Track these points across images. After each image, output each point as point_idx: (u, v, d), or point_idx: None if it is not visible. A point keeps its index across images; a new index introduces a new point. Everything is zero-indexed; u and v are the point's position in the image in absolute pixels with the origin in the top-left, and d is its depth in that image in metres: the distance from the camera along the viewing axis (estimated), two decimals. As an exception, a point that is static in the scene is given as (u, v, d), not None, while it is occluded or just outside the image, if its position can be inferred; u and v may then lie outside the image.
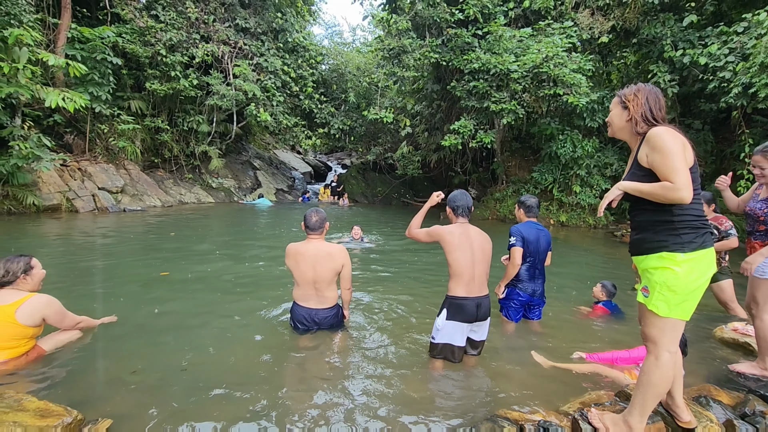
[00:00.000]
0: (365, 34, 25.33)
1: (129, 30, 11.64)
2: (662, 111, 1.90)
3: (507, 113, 10.36)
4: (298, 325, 3.26)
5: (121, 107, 11.84)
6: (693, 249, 1.80)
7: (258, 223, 10.55)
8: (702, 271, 1.82)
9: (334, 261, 3.14)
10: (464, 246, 2.78)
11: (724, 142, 10.81)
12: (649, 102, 1.90)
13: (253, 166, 17.51)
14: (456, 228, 2.85)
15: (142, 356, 2.88)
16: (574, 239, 9.64)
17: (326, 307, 3.23)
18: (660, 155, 1.77)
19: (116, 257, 5.85)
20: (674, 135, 1.79)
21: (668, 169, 1.75)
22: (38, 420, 1.91)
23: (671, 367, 1.87)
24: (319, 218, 3.24)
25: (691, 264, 1.80)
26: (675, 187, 1.73)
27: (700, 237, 1.82)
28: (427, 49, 11.26)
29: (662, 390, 1.90)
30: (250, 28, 13.80)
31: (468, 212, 2.94)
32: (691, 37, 9.72)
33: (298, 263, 3.16)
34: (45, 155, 8.64)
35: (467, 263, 2.76)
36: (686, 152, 1.79)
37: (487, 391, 2.64)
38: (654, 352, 1.89)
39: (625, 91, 1.98)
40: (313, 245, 3.18)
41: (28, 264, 2.69)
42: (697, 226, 1.82)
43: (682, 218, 1.82)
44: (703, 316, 4.12)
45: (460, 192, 3.00)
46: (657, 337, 1.88)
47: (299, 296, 3.25)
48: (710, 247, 1.83)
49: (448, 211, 2.99)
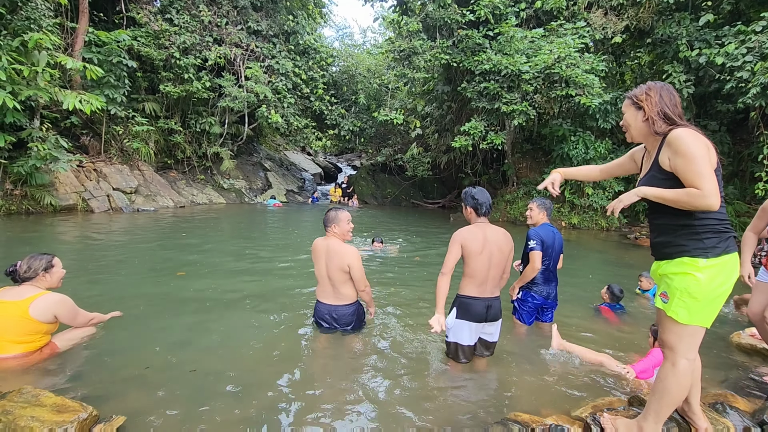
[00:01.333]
0: (376, 36, 25.44)
1: (144, 33, 11.85)
2: (678, 107, 1.81)
3: (518, 114, 10.28)
4: (321, 322, 3.31)
5: (135, 109, 12.04)
6: (716, 255, 1.72)
7: (267, 223, 10.64)
8: (726, 278, 1.74)
9: (341, 261, 3.14)
10: (484, 251, 2.72)
11: (742, 144, 10.59)
12: (663, 99, 1.81)
13: (264, 168, 17.65)
14: (476, 233, 2.72)
15: (156, 353, 2.92)
16: (586, 242, 9.52)
17: (344, 303, 3.25)
18: (683, 159, 1.68)
19: (130, 256, 5.95)
20: (697, 137, 1.70)
21: (694, 174, 1.65)
22: (55, 415, 1.95)
23: (688, 375, 1.80)
24: (331, 214, 3.26)
25: (714, 270, 1.72)
26: (702, 194, 1.63)
27: (723, 242, 1.73)
28: (437, 50, 11.24)
29: (678, 398, 1.84)
30: (262, 30, 13.94)
31: (489, 211, 2.84)
32: (708, 36, 9.55)
33: (316, 258, 3.25)
34: (62, 156, 8.83)
35: (483, 268, 2.73)
36: (710, 154, 1.70)
37: (498, 394, 2.62)
38: (671, 359, 1.83)
39: (635, 91, 1.89)
40: (327, 242, 3.22)
41: (49, 262, 2.79)
42: (720, 230, 1.73)
43: (704, 222, 1.73)
44: (719, 320, 4.03)
45: (479, 189, 2.85)
46: (674, 344, 1.81)
47: (319, 292, 3.33)
48: (734, 252, 1.75)
49: (468, 210, 2.84)
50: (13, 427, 1.84)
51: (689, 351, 1.80)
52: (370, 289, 3.32)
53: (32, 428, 1.84)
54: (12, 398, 2.02)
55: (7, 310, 2.59)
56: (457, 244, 2.71)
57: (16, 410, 1.93)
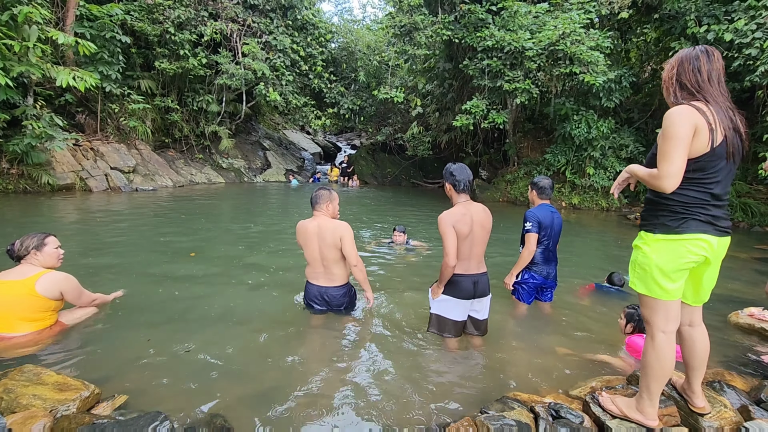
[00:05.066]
0: (375, 11, 24.79)
1: (137, 7, 11.50)
2: (699, 77, 1.73)
3: (521, 93, 10.10)
4: (312, 304, 3.27)
5: (131, 87, 11.81)
6: (665, 232, 1.77)
7: (268, 203, 10.60)
8: (673, 256, 1.75)
9: (333, 235, 3.07)
10: (470, 234, 2.71)
11: (747, 122, 10.43)
12: (682, 65, 1.77)
13: (263, 147, 17.48)
14: (461, 213, 2.69)
15: (157, 334, 2.94)
16: (587, 222, 9.51)
17: (335, 285, 3.22)
18: (662, 137, 1.69)
19: (131, 236, 5.93)
20: (686, 116, 1.65)
21: (661, 154, 1.69)
22: (57, 393, 1.96)
23: (667, 347, 1.83)
24: (319, 193, 3.19)
25: (659, 245, 1.78)
26: (658, 175, 1.69)
27: (676, 221, 1.75)
28: (439, 26, 10.94)
29: (662, 372, 1.85)
30: (259, 5, 13.53)
31: (470, 187, 2.77)
32: (717, 11, 9.27)
33: (305, 240, 3.16)
34: (58, 135, 8.70)
35: (466, 245, 2.72)
36: (699, 137, 1.66)
37: (495, 373, 2.64)
38: (649, 333, 1.88)
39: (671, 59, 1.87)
40: (317, 222, 3.15)
41: (41, 241, 2.79)
42: (677, 211, 1.75)
43: (666, 201, 1.78)
44: (717, 299, 4.06)
45: (459, 165, 2.78)
46: (648, 317, 1.87)
47: (309, 274, 3.27)
48: (688, 233, 1.73)
49: (447, 187, 2.80)
50: (15, 405, 1.85)
51: (665, 324, 1.83)
52: (362, 265, 3.19)
53: (34, 406, 1.86)
54: (14, 377, 2.03)
55: (13, 289, 2.61)
56: (450, 227, 2.65)
57: (18, 389, 1.94)
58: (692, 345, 1.98)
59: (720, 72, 1.76)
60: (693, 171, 1.71)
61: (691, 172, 1.71)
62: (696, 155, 1.69)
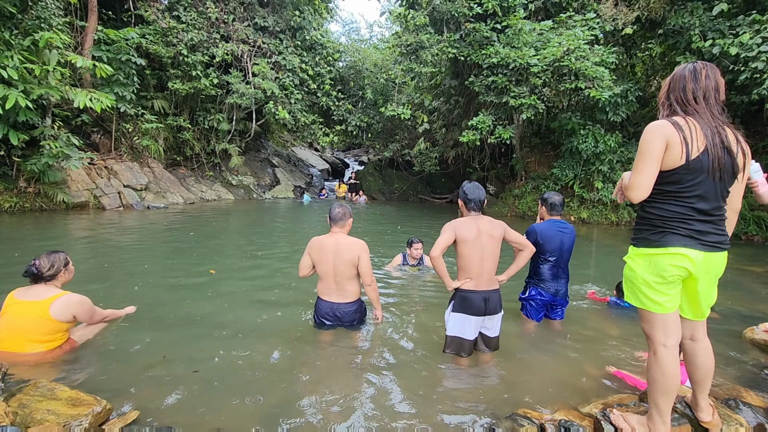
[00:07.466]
0: (382, 31, 25.29)
1: (152, 31, 11.93)
2: (688, 93, 1.76)
3: (526, 108, 10.18)
4: (323, 320, 3.26)
5: (144, 107, 12.15)
6: (645, 245, 1.83)
7: (276, 220, 10.69)
8: (653, 269, 1.79)
9: (351, 253, 3.11)
10: (476, 241, 2.76)
11: (756, 136, 10.37)
12: (672, 84, 1.82)
13: (272, 164, 17.73)
14: (469, 223, 2.80)
15: (169, 349, 2.96)
16: (595, 236, 9.43)
17: (348, 301, 3.23)
18: (637, 151, 1.78)
19: (144, 252, 6.02)
20: (658, 131, 1.71)
21: (633, 166, 1.77)
22: (70, 408, 1.99)
23: (669, 362, 1.81)
24: (341, 211, 3.24)
25: (640, 259, 1.84)
26: (627, 186, 1.79)
27: (656, 235, 1.79)
28: (444, 44, 11.14)
29: (668, 387, 1.82)
30: (269, 26, 13.94)
31: (480, 206, 2.88)
32: (722, 26, 9.34)
33: (320, 256, 3.17)
34: (74, 154, 8.94)
35: (476, 258, 2.75)
36: (671, 150, 1.69)
37: (505, 390, 2.61)
38: (651, 348, 1.87)
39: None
40: (334, 238, 3.18)
41: (66, 258, 2.81)
42: (656, 225, 1.79)
43: (647, 215, 1.84)
44: (732, 315, 3.98)
45: (473, 185, 2.91)
46: (648, 331, 1.88)
47: (322, 290, 3.27)
48: (669, 247, 1.74)
49: (459, 203, 2.95)
50: (30, 420, 1.88)
51: (665, 338, 1.83)
52: (376, 284, 3.27)
53: (48, 421, 1.88)
54: (28, 392, 2.06)
55: (28, 310, 2.60)
56: (449, 231, 2.78)
57: (33, 404, 1.97)
58: (694, 359, 1.96)
59: (709, 89, 1.76)
60: (669, 183, 1.74)
61: (668, 184, 1.74)
62: (670, 167, 1.72)
